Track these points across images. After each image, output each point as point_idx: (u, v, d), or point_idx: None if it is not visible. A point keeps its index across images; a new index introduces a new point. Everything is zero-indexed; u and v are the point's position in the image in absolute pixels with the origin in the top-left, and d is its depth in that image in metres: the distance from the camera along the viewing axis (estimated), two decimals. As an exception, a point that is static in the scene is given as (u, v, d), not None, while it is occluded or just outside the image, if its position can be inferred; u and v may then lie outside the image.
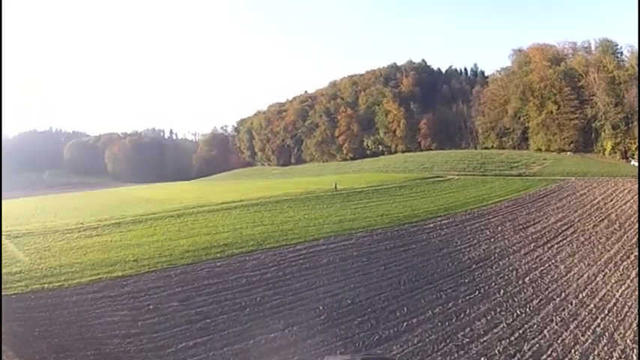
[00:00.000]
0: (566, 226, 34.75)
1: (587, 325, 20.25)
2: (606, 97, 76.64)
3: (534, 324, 20.15)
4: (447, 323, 19.82)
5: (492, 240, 31.36)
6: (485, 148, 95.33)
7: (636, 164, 66.79)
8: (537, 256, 28.43)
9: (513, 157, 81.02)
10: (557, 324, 20.24)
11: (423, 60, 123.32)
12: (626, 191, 44.52)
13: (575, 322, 20.48)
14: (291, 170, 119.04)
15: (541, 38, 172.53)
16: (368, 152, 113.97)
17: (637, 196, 40.96)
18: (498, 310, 21.30)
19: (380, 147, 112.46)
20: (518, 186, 52.90)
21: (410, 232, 33.10)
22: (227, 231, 33.22)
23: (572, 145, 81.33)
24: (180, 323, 18.63)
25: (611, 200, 41.73)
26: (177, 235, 32.34)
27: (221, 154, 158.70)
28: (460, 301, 22.01)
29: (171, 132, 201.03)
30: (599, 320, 20.66)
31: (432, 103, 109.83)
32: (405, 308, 20.94)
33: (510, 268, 26.41)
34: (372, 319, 19.92)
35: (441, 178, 61.89)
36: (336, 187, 52.70)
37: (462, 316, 20.56)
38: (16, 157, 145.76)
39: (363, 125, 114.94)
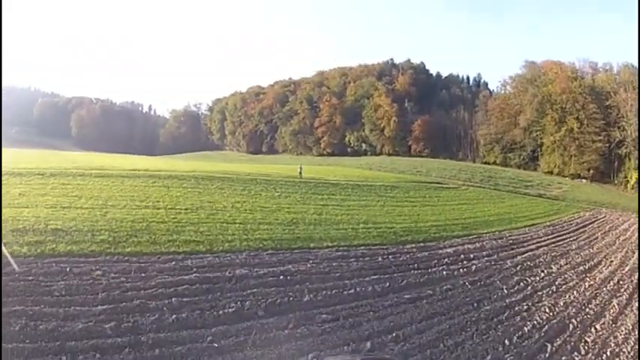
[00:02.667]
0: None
1: None
2: (638, 121, 63.89)
3: None
4: None
5: (555, 291, 16.31)
6: (486, 162, 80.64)
7: None
8: (631, 329, 13.64)
9: (522, 177, 66.99)
10: None
11: (422, 62, 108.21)
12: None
13: None
14: (261, 159, 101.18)
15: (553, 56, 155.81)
16: (349, 150, 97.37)
17: None
18: None
19: (363, 145, 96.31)
20: (545, 208, 39.24)
21: (416, 259, 17.85)
22: (85, 207, 18.04)
23: (590, 172, 68.15)
24: None
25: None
26: (13, 201, 17.65)
27: (190, 133, 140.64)
28: None
29: (149, 108, 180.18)
30: None
31: (428, 105, 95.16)
32: None
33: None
34: None
35: (443, 185, 46.85)
36: (300, 173, 37.95)
37: None
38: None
39: (347, 118, 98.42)
